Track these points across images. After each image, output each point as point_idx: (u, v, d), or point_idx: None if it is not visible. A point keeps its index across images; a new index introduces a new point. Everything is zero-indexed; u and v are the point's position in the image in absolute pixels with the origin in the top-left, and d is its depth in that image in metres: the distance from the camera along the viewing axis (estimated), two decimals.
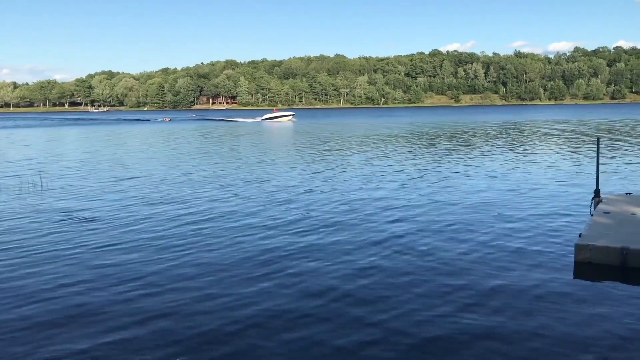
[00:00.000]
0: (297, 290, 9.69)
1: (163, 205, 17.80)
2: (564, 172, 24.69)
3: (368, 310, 8.74)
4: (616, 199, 15.27)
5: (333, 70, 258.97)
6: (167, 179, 24.23)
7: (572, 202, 17.23)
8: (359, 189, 20.61)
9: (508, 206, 16.84)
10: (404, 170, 25.94)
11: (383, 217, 15.50)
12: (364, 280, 10.17)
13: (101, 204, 18.29)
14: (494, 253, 11.76)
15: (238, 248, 12.48)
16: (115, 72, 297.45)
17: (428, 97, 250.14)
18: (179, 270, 10.92)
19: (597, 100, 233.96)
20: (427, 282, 10.01)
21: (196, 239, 13.38)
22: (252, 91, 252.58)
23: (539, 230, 13.74)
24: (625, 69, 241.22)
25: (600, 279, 10.10)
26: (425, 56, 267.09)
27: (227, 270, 10.86)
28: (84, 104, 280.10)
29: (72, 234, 13.98)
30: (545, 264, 10.92)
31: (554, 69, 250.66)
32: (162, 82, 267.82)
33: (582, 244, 10.85)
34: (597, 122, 76.62)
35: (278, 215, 16.04)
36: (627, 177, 22.42)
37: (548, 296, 9.18)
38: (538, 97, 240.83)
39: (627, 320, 8.18)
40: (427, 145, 41.99)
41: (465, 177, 23.29)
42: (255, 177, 24.52)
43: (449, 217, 15.37)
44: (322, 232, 13.86)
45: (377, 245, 12.50)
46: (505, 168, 26.32)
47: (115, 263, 11.42)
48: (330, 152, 37.11)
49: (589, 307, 8.71)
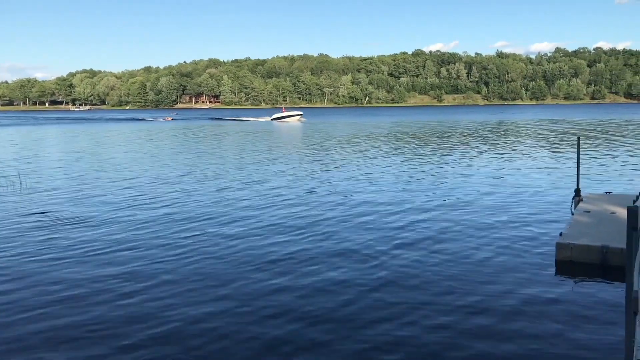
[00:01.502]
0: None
1: (163, 208, 17.75)
2: (546, 171, 25.00)
3: (331, 306, 8.84)
4: (596, 198, 15.53)
5: (317, 69, 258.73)
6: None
7: (553, 201, 17.49)
8: (340, 200, 20.70)
9: (490, 206, 17.03)
10: (389, 171, 26.10)
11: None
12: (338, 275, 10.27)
13: (108, 207, 18.19)
14: (475, 252, 11.91)
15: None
16: (97, 71, 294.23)
17: (411, 96, 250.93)
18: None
19: (578, 100, 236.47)
20: (410, 280, 10.13)
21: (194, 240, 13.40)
22: (235, 90, 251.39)
23: (520, 229, 13.94)
24: (604, 69, 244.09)
25: (580, 277, 10.30)
26: (408, 56, 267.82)
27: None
28: (64, 102, 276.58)
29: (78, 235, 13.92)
30: (526, 263, 11.09)
31: (535, 69, 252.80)
32: (144, 81, 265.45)
33: (563, 243, 11.05)
34: (579, 121, 77.50)
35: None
36: (607, 177, 22.78)
37: (529, 294, 9.34)
38: (520, 97, 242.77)
39: (607, 316, 8.37)
40: (413, 145, 42.19)
41: (451, 177, 23.49)
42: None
43: (431, 216, 15.54)
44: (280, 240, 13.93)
45: (384, 244, 12.62)
46: (487, 168, 26.59)
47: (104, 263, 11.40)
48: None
49: (569, 305, 8.88)
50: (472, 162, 29.24)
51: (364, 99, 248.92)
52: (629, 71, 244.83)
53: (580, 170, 16.04)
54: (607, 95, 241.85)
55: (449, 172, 24.93)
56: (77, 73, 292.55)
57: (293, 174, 24.93)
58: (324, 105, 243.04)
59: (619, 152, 33.39)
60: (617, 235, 11.11)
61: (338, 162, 29.68)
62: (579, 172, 15.95)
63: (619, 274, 9.50)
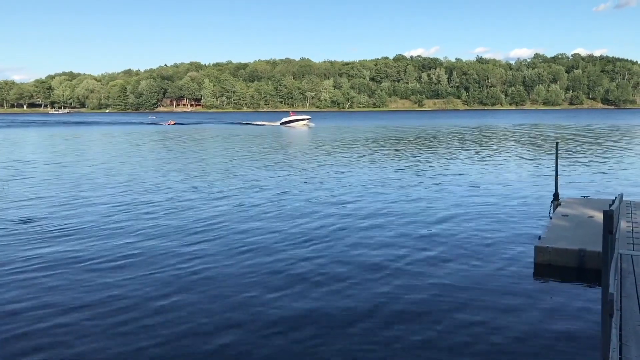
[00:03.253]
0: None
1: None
2: (525, 176, 25.32)
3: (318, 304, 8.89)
4: (574, 202, 15.79)
5: (298, 73, 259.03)
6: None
7: (532, 206, 17.72)
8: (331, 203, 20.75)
9: (469, 210, 17.19)
10: (359, 176, 26.23)
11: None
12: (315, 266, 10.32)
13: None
14: (454, 256, 12.03)
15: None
16: (77, 73, 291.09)
17: (392, 101, 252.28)
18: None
19: (556, 105, 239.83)
20: (388, 284, 10.20)
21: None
22: (217, 93, 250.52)
23: (499, 233, 14.11)
24: (582, 75, 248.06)
25: (559, 280, 10.46)
26: (389, 61, 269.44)
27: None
28: (43, 105, 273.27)
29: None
30: (506, 266, 11.23)
31: (514, 74, 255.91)
32: (124, 84, 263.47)
33: (542, 247, 11.21)
34: (557, 126, 78.57)
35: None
36: (585, 181, 23.14)
37: (508, 297, 9.46)
38: (499, 102, 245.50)
39: (584, 318, 8.51)
40: (391, 150, 42.41)
41: (429, 182, 23.67)
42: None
43: (411, 220, 15.65)
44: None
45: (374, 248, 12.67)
46: (467, 173, 26.84)
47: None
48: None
49: (547, 308, 9.01)
50: (452, 167, 29.48)
51: (345, 103, 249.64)
52: (606, 77, 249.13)
53: (558, 175, 16.30)
54: (584, 101, 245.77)
55: (427, 178, 25.11)
56: (56, 75, 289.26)
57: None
58: (305, 109, 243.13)
59: (597, 157, 33.94)
60: (594, 239, 11.29)
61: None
62: (558, 177, 16.20)
63: (596, 276, 9.65)
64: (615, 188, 20.74)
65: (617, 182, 22.70)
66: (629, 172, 26.41)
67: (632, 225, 12.41)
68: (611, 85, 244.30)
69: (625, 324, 6.13)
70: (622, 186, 21.23)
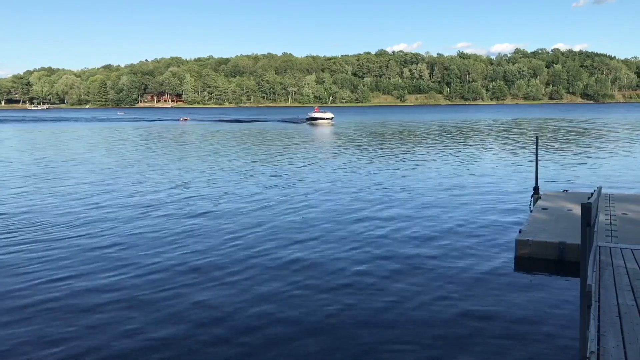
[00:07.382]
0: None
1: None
2: (505, 170, 25.53)
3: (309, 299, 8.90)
4: (554, 196, 15.98)
5: (281, 68, 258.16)
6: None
7: (513, 199, 17.88)
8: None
9: (450, 203, 17.31)
10: (336, 170, 26.27)
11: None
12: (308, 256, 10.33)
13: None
14: (436, 249, 12.10)
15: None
16: (56, 69, 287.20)
17: (375, 96, 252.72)
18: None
19: (537, 100, 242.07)
20: (372, 275, 10.24)
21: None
22: (198, 89, 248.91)
23: (480, 226, 14.21)
24: (562, 70, 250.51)
25: (539, 272, 10.57)
26: (371, 56, 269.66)
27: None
28: (22, 101, 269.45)
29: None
30: (487, 259, 11.32)
31: (495, 69, 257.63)
32: (104, 80, 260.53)
33: (522, 240, 11.32)
34: (537, 121, 79.31)
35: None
36: (565, 175, 23.40)
37: (489, 290, 9.55)
38: (480, 97, 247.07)
39: (563, 309, 8.62)
40: (372, 143, 42.51)
41: (411, 176, 23.77)
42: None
43: (392, 213, 15.71)
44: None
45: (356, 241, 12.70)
46: (448, 166, 27.00)
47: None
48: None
49: (527, 300, 9.11)
50: (432, 161, 29.63)
51: (328, 98, 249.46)
52: (585, 72, 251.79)
53: (538, 168, 16.46)
54: (564, 96, 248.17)
55: (407, 172, 25.22)
56: (35, 71, 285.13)
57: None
58: (288, 104, 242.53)
59: (576, 151, 34.33)
60: (574, 232, 11.45)
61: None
62: (538, 170, 16.36)
63: (576, 268, 9.74)
64: (594, 181, 21.01)
65: (596, 176, 23.00)
66: (607, 165, 26.76)
67: (610, 218, 12.59)
68: (590, 80, 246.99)
69: (603, 315, 6.20)
70: (601, 179, 21.51)
